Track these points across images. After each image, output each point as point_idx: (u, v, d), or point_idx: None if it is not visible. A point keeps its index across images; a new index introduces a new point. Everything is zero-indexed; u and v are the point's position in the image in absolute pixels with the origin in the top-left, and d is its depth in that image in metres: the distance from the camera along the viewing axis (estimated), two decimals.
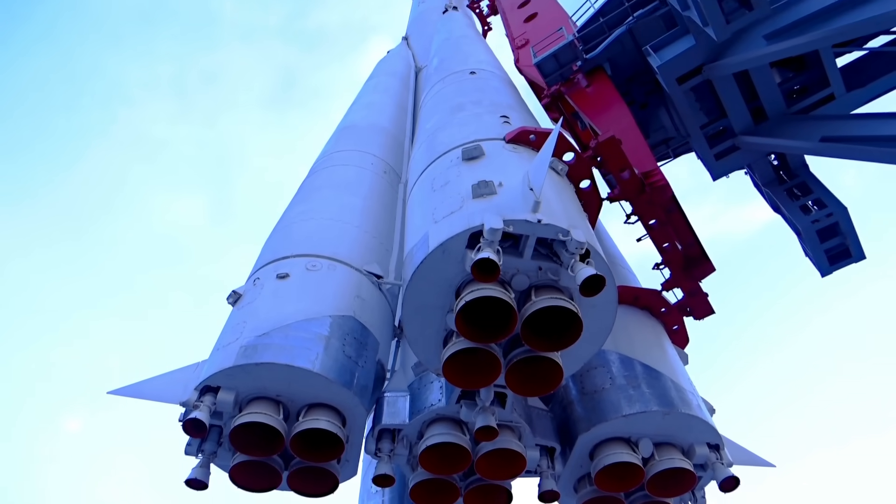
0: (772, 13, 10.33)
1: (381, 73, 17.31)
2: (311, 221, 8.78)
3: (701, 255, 10.74)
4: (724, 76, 11.75)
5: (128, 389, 7.25)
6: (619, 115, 11.82)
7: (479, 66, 11.43)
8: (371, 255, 8.39)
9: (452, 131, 8.06)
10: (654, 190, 9.70)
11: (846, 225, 13.08)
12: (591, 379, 7.89)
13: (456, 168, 6.99)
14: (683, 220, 10.43)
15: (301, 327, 6.58)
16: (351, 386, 6.45)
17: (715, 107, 12.76)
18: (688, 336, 10.00)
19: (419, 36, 20.46)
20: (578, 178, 7.42)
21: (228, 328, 6.92)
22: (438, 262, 5.86)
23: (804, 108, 12.29)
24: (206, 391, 6.23)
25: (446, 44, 14.23)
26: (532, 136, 7.37)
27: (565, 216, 5.94)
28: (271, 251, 8.17)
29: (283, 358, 6.21)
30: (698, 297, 10.90)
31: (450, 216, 6.06)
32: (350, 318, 7.09)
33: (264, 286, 7.31)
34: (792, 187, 14.01)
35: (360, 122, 13.11)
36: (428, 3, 24.63)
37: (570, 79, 13.24)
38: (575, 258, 5.52)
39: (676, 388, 7.73)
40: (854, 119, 11.47)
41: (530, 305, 5.68)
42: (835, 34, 9.69)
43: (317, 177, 10.59)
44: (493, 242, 5.39)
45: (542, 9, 17.53)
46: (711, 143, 13.21)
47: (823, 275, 13.88)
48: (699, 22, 10.49)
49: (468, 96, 9.49)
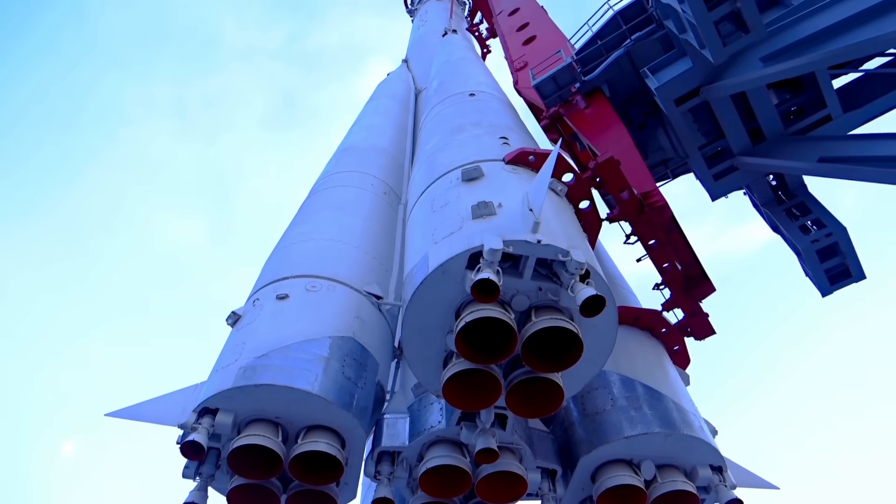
0: (768, 36, 10.44)
1: (382, 95, 17.46)
2: (311, 242, 8.79)
3: (701, 276, 10.73)
4: (722, 98, 11.85)
5: (125, 412, 7.20)
6: (618, 136, 11.89)
7: (478, 87, 11.53)
8: (371, 276, 8.39)
9: (452, 152, 8.10)
10: (654, 210, 9.73)
11: (846, 245, 13.10)
12: (593, 400, 7.85)
13: (456, 189, 7.01)
14: (683, 240, 10.44)
15: (300, 348, 6.56)
16: (350, 407, 6.40)
17: (713, 128, 12.85)
18: (689, 356, 9.96)
19: (419, 58, 20.67)
20: (578, 199, 7.45)
21: (227, 349, 6.89)
22: (438, 283, 5.85)
23: (802, 129, 12.39)
24: (204, 413, 6.19)
25: (446, 66, 14.36)
26: (531, 157, 7.41)
27: (565, 236, 5.95)
28: (271, 272, 8.17)
29: (282, 379, 6.17)
30: (699, 317, 10.87)
31: (450, 237, 6.07)
32: (349, 339, 7.07)
33: (264, 307, 7.30)
34: (791, 207, 14.06)
35: (360, 143, 13.20)
36: (428, 27, 24.95)
37: (568, 100, 13.34)
38: (575, 278, 5.52)
39: (678, 410, 7.68)
40: (851, 140, 11.56)
41: (530, 326, 5.66)
42: (830, 56, 9.78)
43: (317, 198, 10.63)
44: (492, 263, 5.39)
45: (541, 32, 17.72)
46: (710, 164, 13.28)
47: (824, 295, 13.87)
48: (696, 44, 10.60)
49: (468, 118, 9.57)
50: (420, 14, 29.21)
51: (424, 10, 29.01)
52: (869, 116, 12.46)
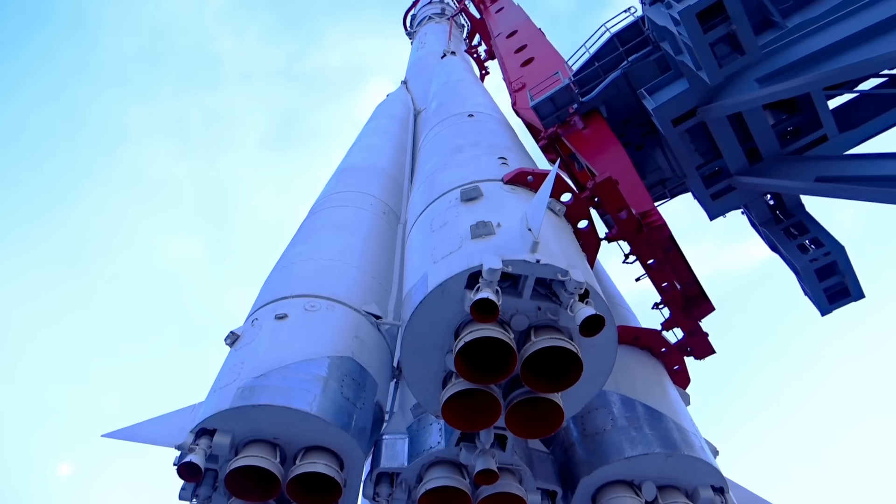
0: (763, 57, 10.57)
1: (381, 115, 17.58)
2: (310, 262, 8.79)
3: (700, 295, 10.73)
4: (719, 118, 11.95)
5: (122, 432, 7.14)
6: (616, 156, 11.97)
7: (476, 108, 11.62)
8: (370, 296, 8.38)
9: (451, 172, 8.15)
10: (652, 230, 9.76)
11: (844, 264, 13.13)
12: (593, 420, 7.80)
13: (455, 209, 7.04)
14: (682, 259, 10.46)
15: (299, 368, 6.53)
16: (349, 428, 6.36)
17: (710, 148, 12.95)
18: (689, 376, 9.92)
19: (418, 80, 20.86)
20: (576, 219, 7.47)
21: (226, 369, 6.86)
22: (437, 303, 5.85)
23: (798, 149, 12.48)
24: (201, 434, 6.14)
25: (445, 87, 14.49)
26: (530, 177, 7.45)
27: (564, 256, 5.96)
28: (270, 291, 8.16)
29: (280, 400, 6.14)
30: (698, 336, 10.86)
31: (449, 256, 6.08)
32: (348, 359, 7.04)
33: (262, 327, 7.28)
34: (789, 227, 14.12)
35: (359, 163, 13.26)
36: (427, 49, 25.21)
37: (566, 121, 13.45)
38: (574, 298, 5.52)
39: (679, 430, 7.63)
40: (848, 159, 11.63)
41: (530, 346, 5.65)
42: (825, 77, 9.89)
43: (316, 217, 10.65)
44: (492, 283, 5.40)
45: (539, 54, 17.91)
46: (707, 184, 13.36)
47: (823, 314, 13.87)
48: (692, 66, 10.72)
49: (466, 138, 9.63)
50: (419, 36, 29.54)
51: (423, 33, 29.34)
52: (865, 136, 12.56)
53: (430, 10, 32.47)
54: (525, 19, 22.91)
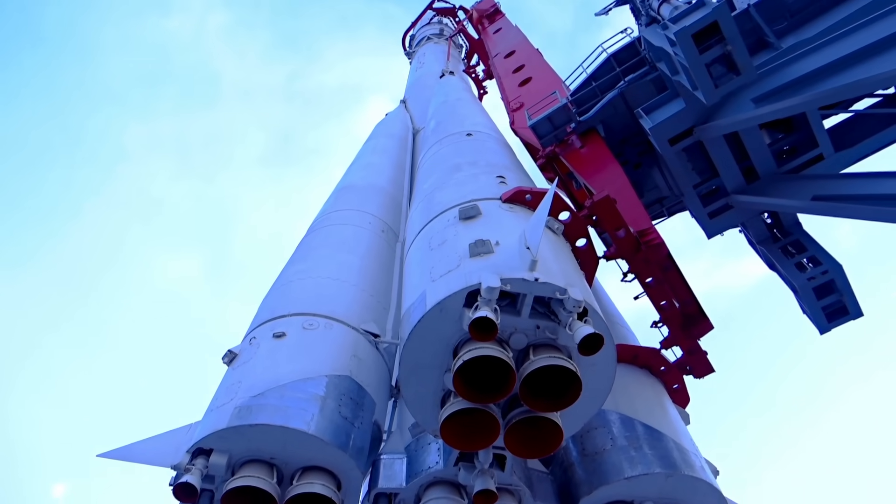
0: (759, 78, 10.67)
1: (380, 134, 17.68)
2: (309, 280, 8.79)
3: (699, 313, 10.73)
4: (715, 137, 12.03)
5: (118, 452, 7.07)
6: (614, 175, 12.03)
7: (475, 127, 11.71)
8: (368, 314, 8.36)
9: (450, 191, 8.18)
10: (650, 248, 9.79)
11: (842, 282, 13.14)
12: (592, 440, 7.76)
13: (453, 227, 7.06)
14: (680, 278, 10.48)
15: (297, 387, 6.50)
16: (346, 448, 6.31)
17: (707, 167, 13.01)
18: (688, 395, 9.89)
19: (417, 99, 21.03)
20: (575, 237, 7.50)
21: (223, 388, 6.82)
22: (436, 321, 5.85)
23: (795, 168, 12.55)
24: (198, 454, 6.09)
25: (443, 107, 14.60)
26: (528, 195, 7.49)
27: (562, 275, 5.97)
28: (268, 310, 8.15)
29: (277, 419, 6.10)
30: (698, 355, 10.83)
31: (447, 275, 6.09)
32: (346, 378, 7.01)
33: (260, 345, 7.25)
34: (786, 245, 14.13)
35: (358, 182, 13.31)
36: (425, 68, 25.44)
37: (564, 140, 13.54)
38: (573, 316, 5.52)
39: (679, 449, 7.59)
40: (844, 178, 11.69)
41: (529, 364, 5.64)
42: (820, 97, 9.98)
43: (315, 236, 10.67)
44: (490, 301, 5.40)
45: (536, 74, 18.09)
46: (705, 202, 13.41)
47: (822, 332, 13.84)
48: (688, 86, 10.82)
49: (465, 157, 9.69)
50: (418, 56, 29.82)
51: (422, 53, 29.62)
52: (860, 155, 12.65)
53: (429, 31, 32.84)
54: (522, 39, 23.18)
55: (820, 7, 11.44)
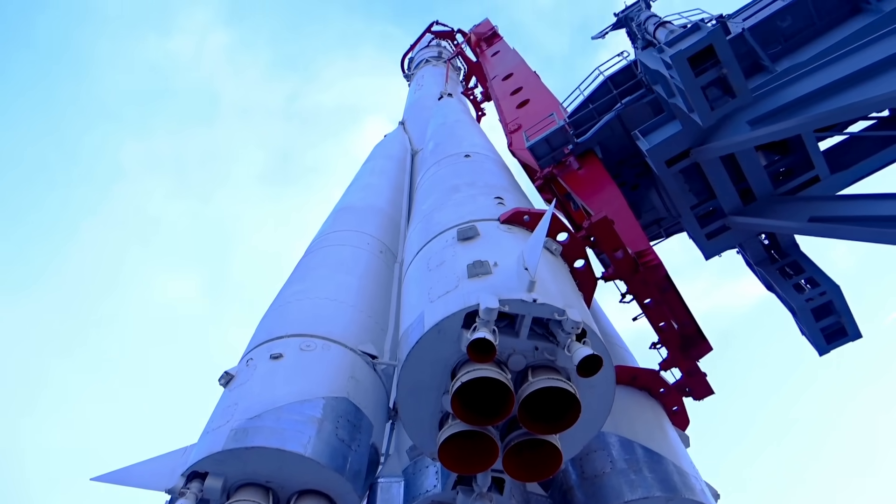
0: (754, 100, 10.78)
1: (379, 156, 17.76)
2: (306, 301, 8.76)
3: (697, 335, 10.70)
4: (712, 159, 12.11)
5: (112, 476, 6.98)
6: (611, 196, 12.08)
7: (473, 149, 11.77)
8: (366, 335, 8.32)
9: (448, 212, 8.20)
10: (648, 269, 9.79)
11: (840, 304, 13.14)
12: (591, 463, 7.68)
13: (451, 248, 7.06)
14: (678, 299, 10.46)
15: (294, 409, 6.44)
16: (343, 471, 6.24)
17: (704, 188, 13.08)
18: (688, 417, 9.82)
19: (415, 120, 21.17)
20: (573, 258, 7.50)
21: (219, 410, 6.76)
22: (434, 342, 5.82)
23: (791, 190, 12.62)
24: (193, 477, 6.01)
25: (442, 128, 14.69)
26: (526, 216, 7.51)
27: (560, 296, 5.96)
28: (265, 331, 8.10)
29: (273, 442, 6.03)
30: (697, 377, 10.78)
31: (445, 295, 6.08)
32: (344, 400, 6.95)
33: (257, 367, 7.20)
34: (784, 266, 14.16)
35: (357, 203, 13.34)
36: (424, 90, 25.64)
37: (562, 161, 13.61)
38: (571, 338, 5.50)
39: (679, 473, 7.52)
40: (840, 200, 11.76)
41: (527, 386, 5.60)
42: (815, 120, 10.08)
43: (313, 256, 10.66)
44: (488, 322, 5.38)
45: (534, 96, 18.24)
46: (702, 223, 13.45)
47: (821, 354, 13.80)
48: (685, 108, 10.92)
49: (463, 178, 9.72)
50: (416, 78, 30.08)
51: (421, 75, 29.88)
52: (856, 177, 12.73)
53: (428, 54, 33.16)
54: (520, 62, 23.41)
55: (814, 31, 11.62)
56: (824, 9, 11.53)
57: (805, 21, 11.66)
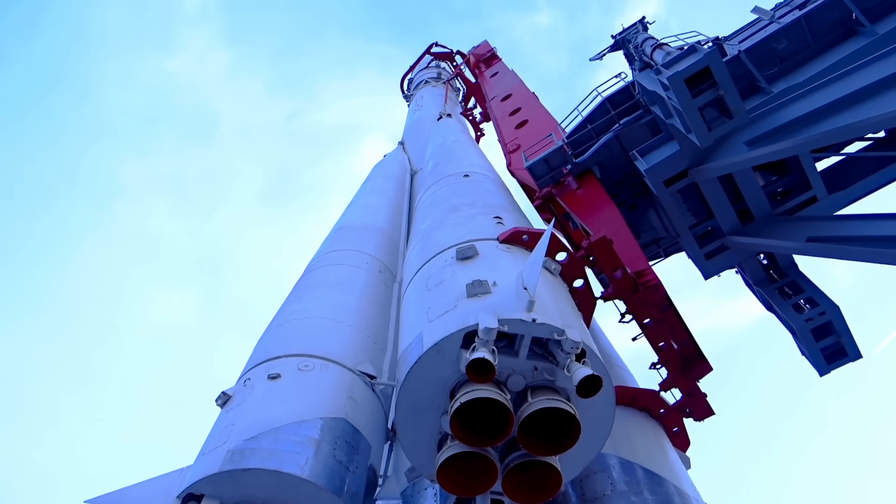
0: (751, 121, 10.86)
1: (378, 175, 17.82)
2: (305, 320, 8.72)
3: (697, 355, 10.65)
4: (710, 179, 12.17)
5: (107, 498, 6.89)
6: (610, 216, 12.11)
7: (472, 169, 11.83)
8: (365, 355, 8.28)
9: (447, 231, 8.21)
10: (647, 289, 9.78)
11: (840, 324, 13.12)
12: (592, 485, 7.61)
13: (450, 268, 7.06)
14: (678, 318, 10.44)
15: (291, 430, 6.38)
16: (341, 493, 6.17)
17: (702, 208, 13.12)
18: (689, 438, 9.74)
19: (415, 141, 21.28)
20: (572, 278, 7.50)
21: (215, 431, 6.70)
22: (433, 362, 5.79)
23: (789, 210, 12.66)
24: (189, 499, 5.94)
25: (441, 148, 14.78)
26: (525, 236, 7.52)
27: (560, 315, 5.94)
28: (264, 351, 8.07)
29: (271, 463, 5.97)
30: (697, 397, 10.71)
31: (444, 315, 6.06)
32: (342, 421, 6.89)
33: (255, 387, 7.15)
34: (783, 286, 14.16)
35: (356, 222, 13.35)
36: (423, 111, 25.81)
37: (560, 181, 13.67)
38: (571, 358, 5.47)
39: (680, 495, 7.45)
40: (839, 220, 11.79)
41: (527, 407, 5.56)
42: (811, 141, 10.15)
43: (311, 276, 10.64)
44: (488, 342, 5.36)
45: (533, 116, 18.37)
46: (701, 243, 13.47)
47: (821, 374, 13.75)
48: (682, 129, 11.00)
49: (462, 198, 9.75)
50: (416, 99, 30.30)
51: (420, 96, 30.11)
52: (854, 197, 12.79)
53: (427, 75, 33.45)
54: (519, 83, 23.61)
55: (809, 54, 11.76)
56: (819, 32, 11.69)
57: (800, 44, 11.80)
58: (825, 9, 11.57)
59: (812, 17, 11.64)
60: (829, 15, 11.58)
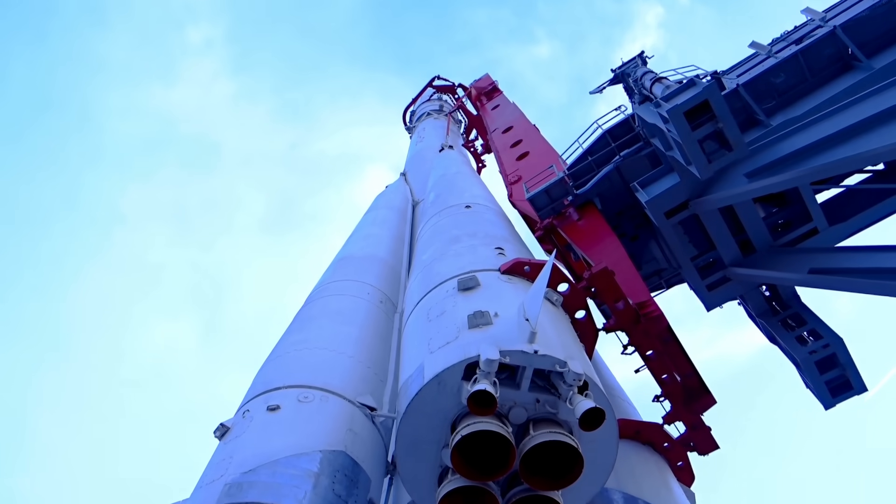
0: (750, 153, 10.94)
1: (380, 206, 17.90)
2: (305, 351, 8.67)
3: (700, 387, 10.56)
4: (710, 211, 12.21)
5: None
6: (611, 247, 12.12)
7: (473, 200, 11.88)
8: (365, 386, 8.21)
9: (448, 262, 8.21)
10: (649, 321, 9.73)
11: (844, 357, 13.01)
12: None
13: (452, 298, 7.04)
14: (680, 350, 10.37)
15: (290, 463, 6.29)
16: None
17: (704, 239, 13.14)
18: (693, 473, 9.59)
19: (417, 172, 21.42)
20: (574, 309, 7.47)
21: (213, 464, 6.61)
22: (434, 394, 5.74)
23: (790, 241, 12.67)
24: None
25: (442, 180, 14.87)
26: (526, 267, 7.51)
27: (562, 347, 5.90)
28: (263, 382, 8.00)
29: (268, 497, 5.87)
30: (701, 431, 10.58)
31: (445, 346, 6.02)
32: (341, 454, 6.80)
33: (254, 419, 7.07)
34: (786, 318, 14.09)
35: (357, 252, 13.36)
36: (425, 143, 26.05)
37: (561, 212, 13.72)
38: (573, 390, 5.42)
39: None
40: (840, 251, 11.80)
41: (529, 440, 5.49)
42: (811, 173, 10.21)
43: (312, 306, 10.61)
44: (489, 374, 5.31)
45: (534, 148, 18.53)
46: (703, 275, 13.45)
47: (827, 408, 13.59)
48: (682, 161, 11.08)
49: (464, 228, 9.78)
50: (418, 131, 30.59)
51: (422, 128, 30.41)
52: (854, 229, 12.80)
53: (429, 107, 33.83)
54: (520, 115, 23.87)
55: (807, 87, 11.90)
56: (816, 66, 11.85)
57: (798, 77, 11.95)
58: (821, 44, 11.74)
59: (809, 52, 11.81)
60: (826, 50, 11.76)
